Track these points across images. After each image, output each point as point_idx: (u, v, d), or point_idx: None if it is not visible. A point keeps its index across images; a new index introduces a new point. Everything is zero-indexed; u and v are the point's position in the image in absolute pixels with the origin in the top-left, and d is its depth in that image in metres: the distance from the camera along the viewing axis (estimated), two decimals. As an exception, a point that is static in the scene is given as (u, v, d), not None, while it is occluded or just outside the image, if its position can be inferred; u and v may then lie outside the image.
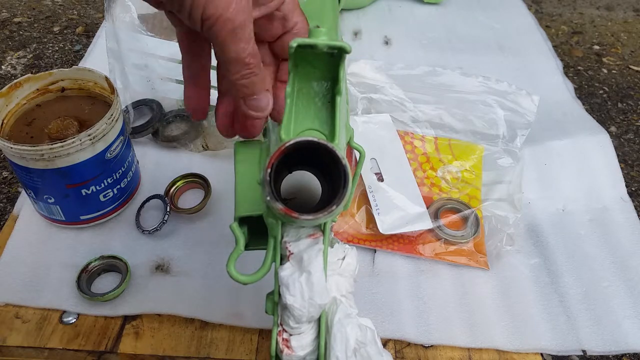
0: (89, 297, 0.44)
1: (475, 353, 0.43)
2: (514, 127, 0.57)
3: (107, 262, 0.47)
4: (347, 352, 0.29)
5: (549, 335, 0.44)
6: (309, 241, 0.30)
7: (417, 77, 0.60)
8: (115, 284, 0.45)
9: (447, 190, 0.53)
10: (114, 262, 0.47)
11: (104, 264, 0.47)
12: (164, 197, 0.51)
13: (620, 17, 2.10)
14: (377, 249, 0.50)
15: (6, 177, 1.39)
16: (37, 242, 0.49)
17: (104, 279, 0.47)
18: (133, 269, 0.47)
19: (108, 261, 0.47)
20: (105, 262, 0.47)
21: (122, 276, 0.46)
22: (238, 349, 0.43)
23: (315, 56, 0.28)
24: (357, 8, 0.80)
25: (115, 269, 0.47)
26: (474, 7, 0.82)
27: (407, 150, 0.55)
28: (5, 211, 1.31)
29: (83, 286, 0.45)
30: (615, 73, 1.83)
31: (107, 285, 0.46)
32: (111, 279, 0.47)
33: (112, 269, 0.47)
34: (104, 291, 0.45)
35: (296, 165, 0.31)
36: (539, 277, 0.49)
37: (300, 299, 0.28)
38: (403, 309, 0.45)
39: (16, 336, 0.43)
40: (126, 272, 0.46)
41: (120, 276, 0.46)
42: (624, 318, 0.46)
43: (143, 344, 0.43)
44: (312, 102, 0.30)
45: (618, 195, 0.55)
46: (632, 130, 1.62)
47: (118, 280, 0.46)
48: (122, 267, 0.46)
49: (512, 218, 0.50)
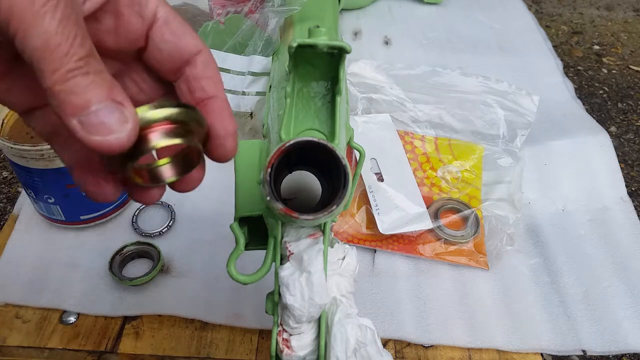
0: (119, 279, 0.45)
1: (475, 353, 0.43)
2: (514, 127, 0.57)
3: (142, 248, 0.47)
4: (347, 352, 0.29)
5: (549, 335, 0.44)
6: (309, 241, 0.30)
7: (417, 77, 0.60)
8: (145, 271, 0.46)
9: (447, 190, 0.53)
10: (148, 248, 0.47)
11: (138, 249, 0.47)
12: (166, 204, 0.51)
13: (620, 17, 2.10)
14: (377, 249, 0.50)
15: (6, 177, 1.39)
16: (37, 242, 0.49)
17: (136, 264, 0.47)
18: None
19: (142, 247, 0.47)
20: (140, 247, 0.47)
21: (153, 263, 0.46)
22: (238, 349, 0.43)
23: (315, 56, 0.28)
24: (357, 8, 0.80)
25: (148, 255, 0.47)
26: (474, 7, 0.82)
27: (407, 150, 0.55)
28: (5, 211, 1.31)
29: (115, 268, 0.46)
30: (615, 73, 1.83)
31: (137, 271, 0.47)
32: (141, 266, 0.47)
33: (145, 255, 0.48)
34: (134, 276, 0.45)
35: (296, 165, 0.31)
36: (539, 277, 0.49)
37: (300, 299, 0.28)
38: (403, 309, 0.45)
39: (16, 336, 0.43)
40: (158, 259, 0.46)
41: (152, 263, 0.47)
42: (624, 318, 0.46)
43: (143, 344, 0.43)
44: (312, 102, 0.30)
45: (618, 195, 0.55)
46: (632, 130, 1.62)
47: (149, 267, 0.46)
48: (155, 255, 0.47)
49: (512, 218, 0.50)
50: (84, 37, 0.19)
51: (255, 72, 0.52)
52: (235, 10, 0.57)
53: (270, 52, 0.52)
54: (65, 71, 0.18)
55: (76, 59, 0.19)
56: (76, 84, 0.19)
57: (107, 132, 0.19)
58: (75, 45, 0.19)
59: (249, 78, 0.52)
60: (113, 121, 0.19)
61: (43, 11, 0.18)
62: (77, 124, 0.19)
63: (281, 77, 0.41)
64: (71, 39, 0.18)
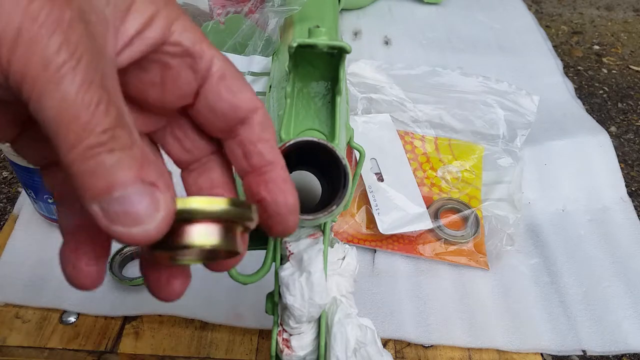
0: (119, 279, 0.45)
1: (475, 353, 0.43)
2: (514, 127, 0.57)
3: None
4: (347, 352, 0.29)
5: (549, 335, 0.44)
6: (309, 241, 0.30)
7: (417, 77, 0.60)
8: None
9: (447, 190, 0.53)
10: None
11: (138, 249, 0.47)
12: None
13: (620, 17, 2.10)
14: (377, 249, 0.50)
15: (6, 177, 1.39)
16: (37, 242, 0.49)
17: (136, 264, 0.47)
18: (133, 269, 0.47)
19: None
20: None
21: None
22: (238, 349, 0.43)
23: (315, 56, 0.28)
24: (357, 8, 0.80)
25: None
26: (474, 7, 0.82)
27: (407, 150, 0.55)
28: (5, 211, 1.31)
29: (115, 268, 0.45)
30: (615, 73, 1.83)
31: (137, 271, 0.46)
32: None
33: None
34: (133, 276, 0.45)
35: (296, 165, 0.31)
36: (539, 277, 0.49)
37: (300, 299, 0.28)
38: (403, 309, 0.45)
39: (16, 336, 0.43)
40: None
41: None
42: (624, 318, 0.46)
43: (143, 344, 0.43)
44: (312, 102, 0.30)
45: (618, 196, 0.55)
46: (632, 130, 1.62)
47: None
48: None
49: (512, 218, 0.50)
50: (109, 102, 0.16)
51: (255, 72, 0.52)
52: (235, 10, 0.57)
53: (270, 52, 0.52)
54: (84, 148, 0.15)
55: (99, 132, 0.15)
56: (98, 165, 0.15)
57: (132, 222, 0.16)
58: (98, 115, 0.15)
59: (249, 78, 0.52)
60: (141, 209, 0.16)
61: (59, 76, 0.15)
62: (99, 210, 0.16)
63: (281, 77, 0.41)
64: (93, 106, 0.15)
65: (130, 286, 0.45)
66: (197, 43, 0.19)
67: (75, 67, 0.15)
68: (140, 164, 0.16)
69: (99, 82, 0.15)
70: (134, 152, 0.16)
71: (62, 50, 0.15)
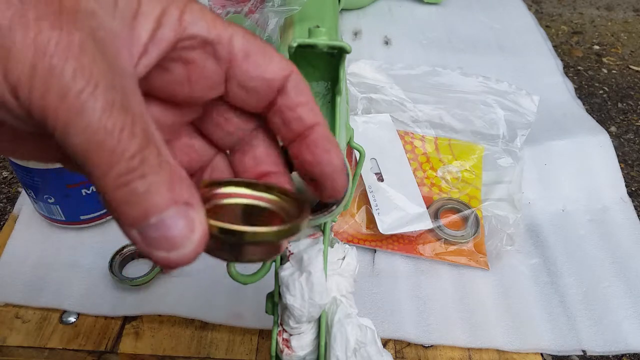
0: (119, 279, 0.45)
1: (475, 353, 0.43)
2: (514, 127, 0.57)
3: None
4: (347, 352, 0.29)
5: (549, 335, 0.44)
6: (309, 241, 0.30)
7: (417, 77, 0.60)
8: (145, 271, 0.46)
9: (447, 190, 0.53)
10: None
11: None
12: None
13: (620, 17, 2.10)
14: (377, 249, 0.50)
15: (6, 177, 1.39)
16: (37, 242, 0.49)
17: (136, 264, 0.47)
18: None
19: None
20: None
21: (153, 263, 0.46)
22: (238, 349, 0.43)
23: (315, 56, 0.28)
24: (357, 8, 0.80)
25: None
26: (474, 7, 0.82)
27: (407, 150, 0.55)
28: (5, 211, 1.31)
29: (115, 268, 0.45)
30: (615, 73, 1.83)
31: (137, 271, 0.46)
32: (141, 266, 0.47)
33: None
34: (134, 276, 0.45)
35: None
36: (539, 277, 0.49)
37: (300, 299, 0.28)
38: (403, 309, 0.45)
39: (16, 336, 0.43)
40: None
41: (152, 263, 0.47)
42: (624, 318, 0.46)
43: (143, 344, 0.43)
44: (312, 102, 0.30)
45: (618, 196, 0.55)
46: (632, 130, 1.62)
47: (149, 267, 0.46)
48: None
49: (512, 218, 0.50)
50: (133, 123, 0.15)
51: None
52: (235, 10, 0.57)
53: (270, 52, 0.52)
54: (115, 176, 0.15)
55: (128, 158, 0.15)
56: (131, 193, 0.15)
57: (170, 247, 0.16)
58: (124, 140, 0.15)
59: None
60: (177, 233, 0.16)
61: (79, 104, 0.14)
62: (138, 236, 0.16)
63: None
64: (117, 131, 0.15)
65: (130, 286, 0.45)
66: (212, 29, 0.18)
67: (93, 92, 0.15)
68: (171, 184, 0.16)
69: (120, 103, 0.15)
70: (165, 173, 0.16)
71: (78, 77, 0.15)
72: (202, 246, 0.16)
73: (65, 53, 0.15)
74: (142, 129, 0.15)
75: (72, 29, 0.15)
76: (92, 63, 0.15)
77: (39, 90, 0.14)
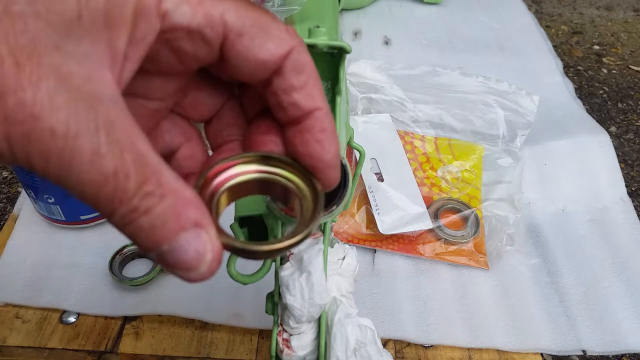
0: (119, 279, 0.45)
1: (475, 353, 0.43)
2: (514, 127, 0.57)
3: None
4: (347, 352, 0.29)
5: (549, 335, 0.44)
6: (309, 241, 0.30)
7: (417, 77, 0.60)
8: (145, 271, 0.46)
9: (447, 190, 0.53)
10: None
11: (138, 249, 0.47)
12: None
13: (620, 17, 2.10)
14: (377, 249, 0.50)
15: (6, 177, 1.39)
16: (37, 242, 0.49)
17: (136, 264, 0.47)
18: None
19: None
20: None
21: (153, 263, 0.46)
22: (238, 349, 0.43)
23: (315, 56, 0.28)
24: (357, 8, 0.80)
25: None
26: (474, 7, 0.82)
27: (407, 150, 0.55)
28: (5, 211, 1.31)
29: (115, 268, 0.45)
30: (615, 73, 1.83)
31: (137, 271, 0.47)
32: (141, 266, 0.47)
33: (146, 255, 0.47)
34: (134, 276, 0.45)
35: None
36: (539, 277, 0.49)
37: (300, 299, 0.28)
38: (403, 309, 0.45)
39: (16, 336, 0.43)
40: None
41: (152, 263, 0.47)
42: (624, 318, 0.46)
43: (143, 344, 0.43)
44: (312, 102, 0.30)
45: (618, 196, 0.55)
46: (632, 130, 1.62)
47: (149, 267, 0.46)
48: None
49: (512, 218, 0.50)
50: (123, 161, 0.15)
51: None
52: (235, 10, 0.57)
53: (270, 52, 0.52)
54: (119, 218, 0.15)
55: (128, 199, 0.15)
56: (138, 229, 0.15)
57: (186, 268, 0.16)
58: (120, 183, 0.15)
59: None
60: (189, 258, 0.16)
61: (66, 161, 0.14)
62: (156, 257, 0.16)
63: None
64: (111, 177, 0.14)
65: (130, 286, 0.45)
66: (198, 11, 0.16)
67: (74, 145, 0.14)
68: (176, 211, 0.15)
69: (106, 144, 0.14)
70: (169, 201, 0.15)
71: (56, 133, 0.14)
72: (217, 264, 0.16)
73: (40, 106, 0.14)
74: (135, 162, 0.15)
75: (43, 77, 0.14)
76: (66, 110, 0.14)
77: (23, 153, 0.14)
